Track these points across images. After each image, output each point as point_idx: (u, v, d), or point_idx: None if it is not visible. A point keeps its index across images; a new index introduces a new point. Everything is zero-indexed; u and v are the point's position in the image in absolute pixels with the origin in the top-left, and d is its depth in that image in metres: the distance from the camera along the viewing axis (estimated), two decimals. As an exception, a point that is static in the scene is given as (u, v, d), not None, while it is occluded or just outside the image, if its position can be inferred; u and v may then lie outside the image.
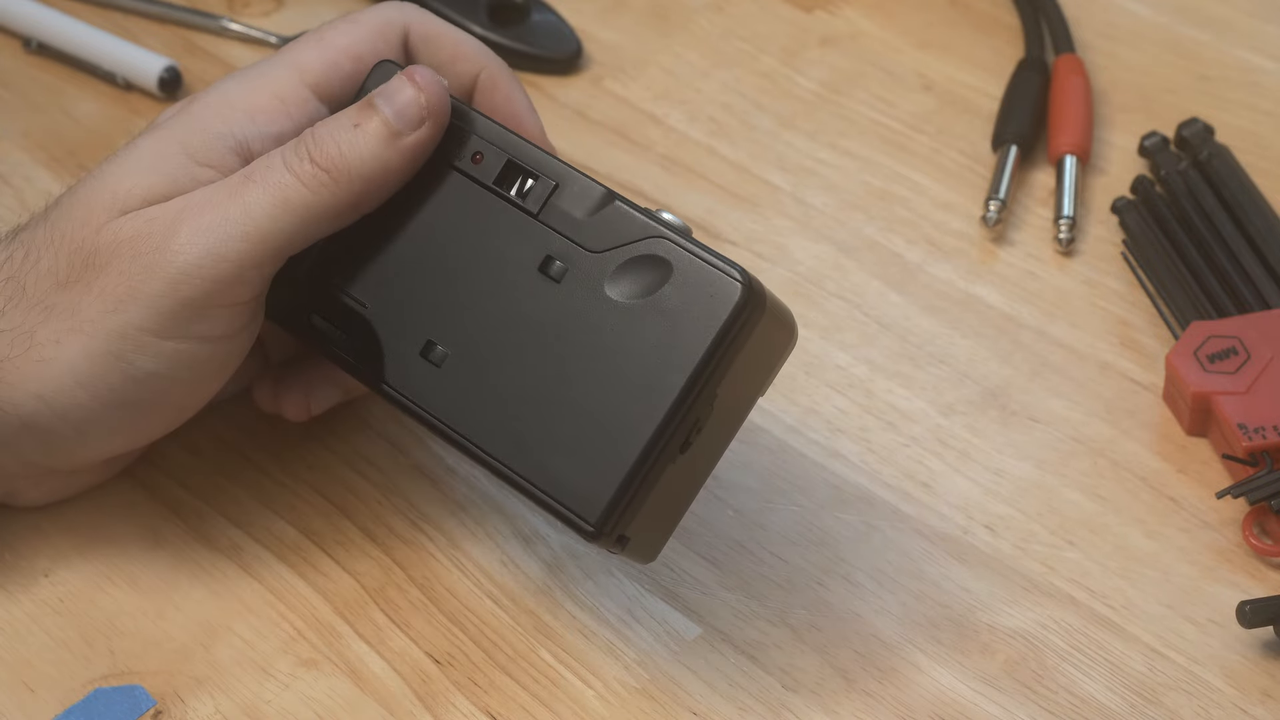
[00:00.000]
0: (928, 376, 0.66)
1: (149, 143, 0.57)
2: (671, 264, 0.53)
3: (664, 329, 0.52)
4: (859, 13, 0.81)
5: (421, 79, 0.56)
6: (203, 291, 0.54)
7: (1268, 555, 0.60)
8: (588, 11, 0.82)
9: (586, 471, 0.52)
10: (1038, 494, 0.62)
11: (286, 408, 0.61)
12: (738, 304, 0.52)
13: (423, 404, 0.55)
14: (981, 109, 0.76)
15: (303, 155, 0.55)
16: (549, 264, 0.54)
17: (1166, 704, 0.56)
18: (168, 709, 0.57)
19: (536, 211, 0.55)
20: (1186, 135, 0.72)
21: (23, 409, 0.56)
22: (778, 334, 0.54)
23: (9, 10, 0.81)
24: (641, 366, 0.52)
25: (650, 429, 0.52)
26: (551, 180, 0.55)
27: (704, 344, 0.52)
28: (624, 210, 0.54)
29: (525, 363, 0.54)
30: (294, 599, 0.60)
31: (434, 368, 0.55)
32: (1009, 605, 0.59)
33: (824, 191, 0.73)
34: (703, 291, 0.52)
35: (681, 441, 0.52)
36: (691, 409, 0.52)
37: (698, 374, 0.52)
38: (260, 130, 0.57)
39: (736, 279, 0.52)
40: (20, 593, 0.60)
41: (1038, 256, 0.70)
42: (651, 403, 0.52)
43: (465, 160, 0.56)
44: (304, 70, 0.58)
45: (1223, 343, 0.63)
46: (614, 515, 0.52)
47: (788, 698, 0.57)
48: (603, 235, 0.54)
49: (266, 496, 0.62)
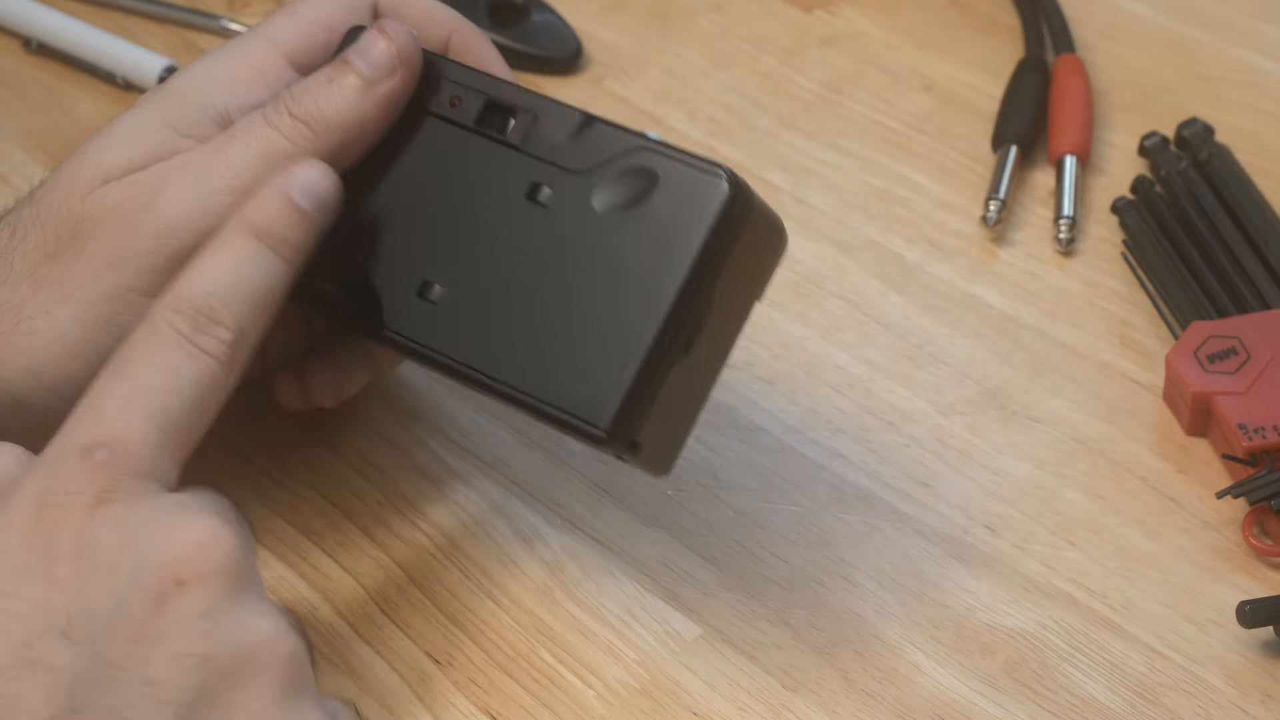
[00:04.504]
0: (928, 376, 0.66)
1: (130, 118, 0.57)
2: (657, 172, 0.53)
3: (655, 235, 0.53)
4: (859, 13, 0.81)
5: (391, 30, 0.57)
6: (189, 245, 0.55)
7: (1268, 555, 0.60)
8: (588, 11, 0.82)
9: (593, 380, 0.52)
10: (1038, 494, 0.62)
11: (317, 393, 0.62)
12: (725, 201, 0.52)
13: (424, 341, 0.56)
14: (981, 109, 0.76)
15: (281, 111, 0.56)
16: (536, 190, 0.55)
17: (1166, 704, 0.56)
18: (168, 709, 0.56)
19: (519, 144, 0.56)
20: (1186, 135, 0.72)
21: (13, 385, 0.56)
22: (768, 235, 0.55)
23: (9, 10, 0.81)
24: (637, 274, 0.53)
25: (653, 329, 0.52)
26: (530, 112, 0.56)
27: (696, 243, 0.52)
28: (605, 129, 0.55)
29: (522, 288, 0.54)
30: (294, 599, 0.59)
31: (432, 305, 0.56)
32: (1009, 605, 0.59)
33: (824, 191, 0.73)
34: (690, 194, 0.53)
35: (685, 341, 0.53)
36: (691, 307, 0.52)
37: (693, 272, 0.52)
38: (240, 101, 0.57)
39: (721, 176, 0.52)
40: (20, 593, 0.60)
41: (1038, 256, 0.70)
42: (650, 305, 0.52)
43: (443, 106, 0.57)
44: (279, 42, 0.59)
45: (1223, 343, 0.63)
46: (624, 418, 0.52)
47: (788, 698, 0.57)
48: (586, 155, 0.55)
49: (266, 496, 0.62)
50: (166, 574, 0.47)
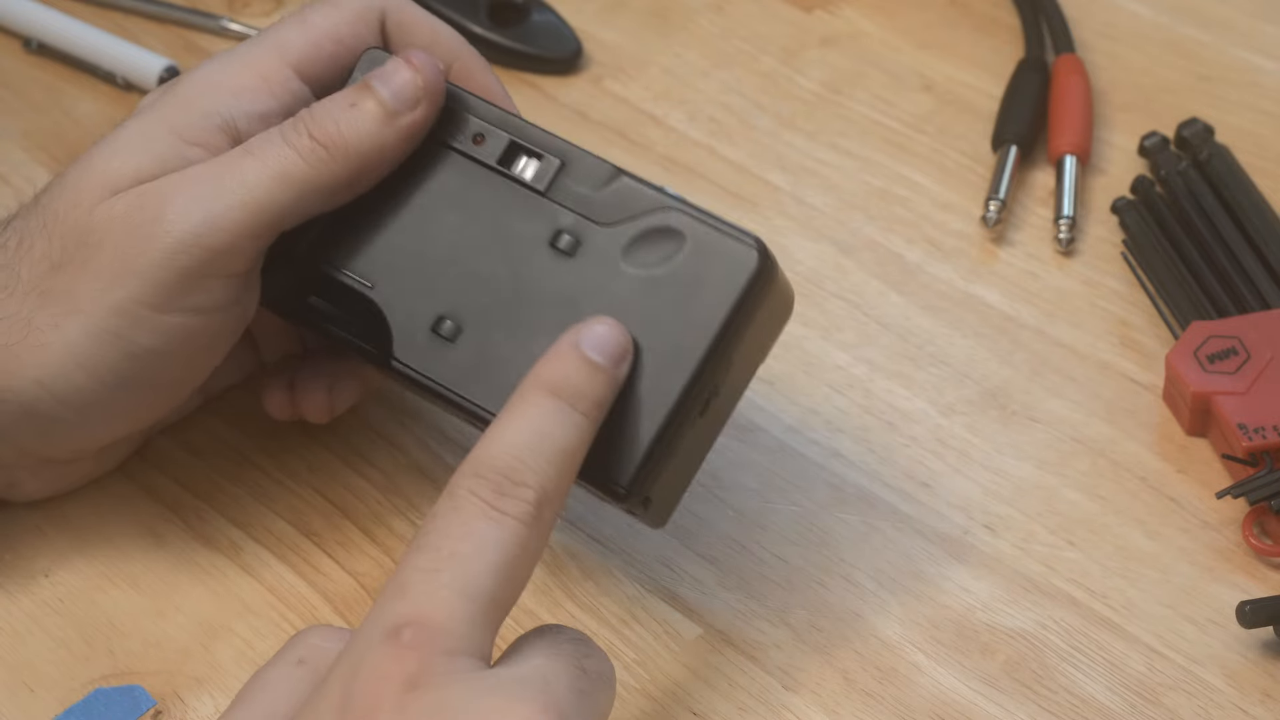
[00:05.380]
0: (928, 376, 0.66)
1: (136, 125, 0.57)
2: (685, 234, 0.53)
3: (681, 297, 0.53)
4: (859, 13, 0.81)
5: (418, 61, 0.57)
6: (199, 260, 0.55)
7: (1268, 555, 0.60)
8: (588, 11, 0.82)
9: (614, 437, 0.52)
10: (1038, 494, 0.62)
11: (307, 408, 0.61)
12: (755, 270, 0.52)
13: (436, 376, 0.55)
14: (981, 109, 0.76)
15: (300, 131, 0.56)
16: (559, 238, 0.55)
17: (1166, 704, 0.56)
18: (168, 709, 0.57)
19: (544, 189, 0.56)
20: (1186, 135, 0.72)
21: (23, 395, 0.56)
22: (783, 303, 0.55)
23: (9, 10, 0.81)
24: (661, 335, 0.53)
25: (676, 393, 0.52)
26: (556, 158, 0.56)
27: (725, 310, 0.52)
28: (633, 184, 0.55)
29: (541, 334, 0.54)
30: (294, 599, 0.60)
31: (446, 342, 0.55)
32: (1009, 605, 0.59)
33: (824, 191, 0.73)
34: (719, 259, 0.53)
35: (703, 404, 0.53)
36: (713, 372, 0.53)
37: (719, 338, 0.52)
38: (245, 109, 0.57)
39: (752, 246, 0.53)
40: (20, 593, 0.60)
41: (1038, 256, 0.70)
42: (676, 368, 0.52)
43: (466, 142, 0.57)
44: (286, 50, 0.58)
45: (1223, 343, 0.63)
46: (642, 476, 0.53)
47: (788, 698, 0.57)
48: (613, 209, 0.55)
49: (266, 496, 0.62)
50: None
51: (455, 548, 0.47)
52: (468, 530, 0.47)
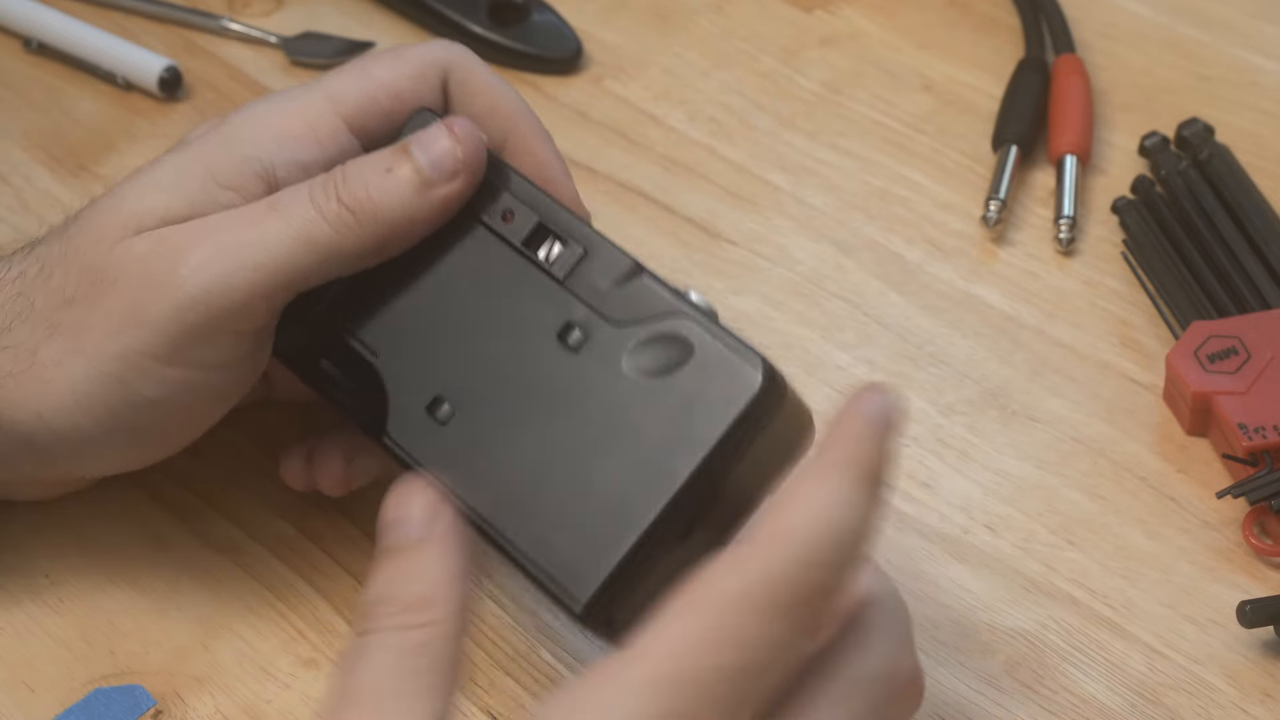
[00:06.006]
0: (927, 376, 0.66)
1: (173, 161, 0.56)
2: (693, 345, 0.51)
3: (678, 412, 0.51)
4: (859, 13, 0.81)
5: (460, 131, 0.54)
6: (208, 318, 0.53)
7: (1268, 555, 0.60)
8: (588, 11, 0.82)
9: (581, 551, 0.50)
10: (1038, 494, 0.62)
11: (324, 480, 0.60)
12: (756, 395, 0.50)
13: (421, 459, 0.54)
14: (981, 109, 0.76)
15: (330, 194, 0.54)
16: (568, 331, 0.53)
17: (1166, 704, 0.56)
18: (168, 709, 0.57)
19: (562, 278, 0.54)
20: (1186, 135, 0.72)
21: (22, 426, 0.55)
22: (795, 426, 0.52)
23: (9, 10, 0.81)
24: (650, 448, 0.50)
25: (651, 515, 0.50)
26: (580, 247, 0.54)
27: (716, 433, 0.50)
28: (650, 286, 0.53)
29: (532, 430, 0.52)
30: (294, 599, 0.60)
31: (439, 425, 0.54)
32: (1009, 605, 0.59)
33: (824, 191, 0.73)
34: (721, 378, 0.50)
35: (683, 530, 0.50)
36: (697, 497, 0.50)
37: (706, 462, 0.50)
38: (288, 157, 0.55)
39: (757, 367, 0.50)
40: (20, 593, 0.60)
41: (1038, 256, 0.70)
42: (656, 487, 0.50)
43: (495, 217, 0.55)
44: (339, 101, 0.57)
45: (1223, 343, 0.63)
46: (603, 598, 0.50)
47: (788, 698, 0.57)
48: (626, 308, 0.53)
49: (266, 496, 0.62)
50: None
51: None
52: None
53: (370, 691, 0.44)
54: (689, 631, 0.42)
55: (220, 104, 0.78)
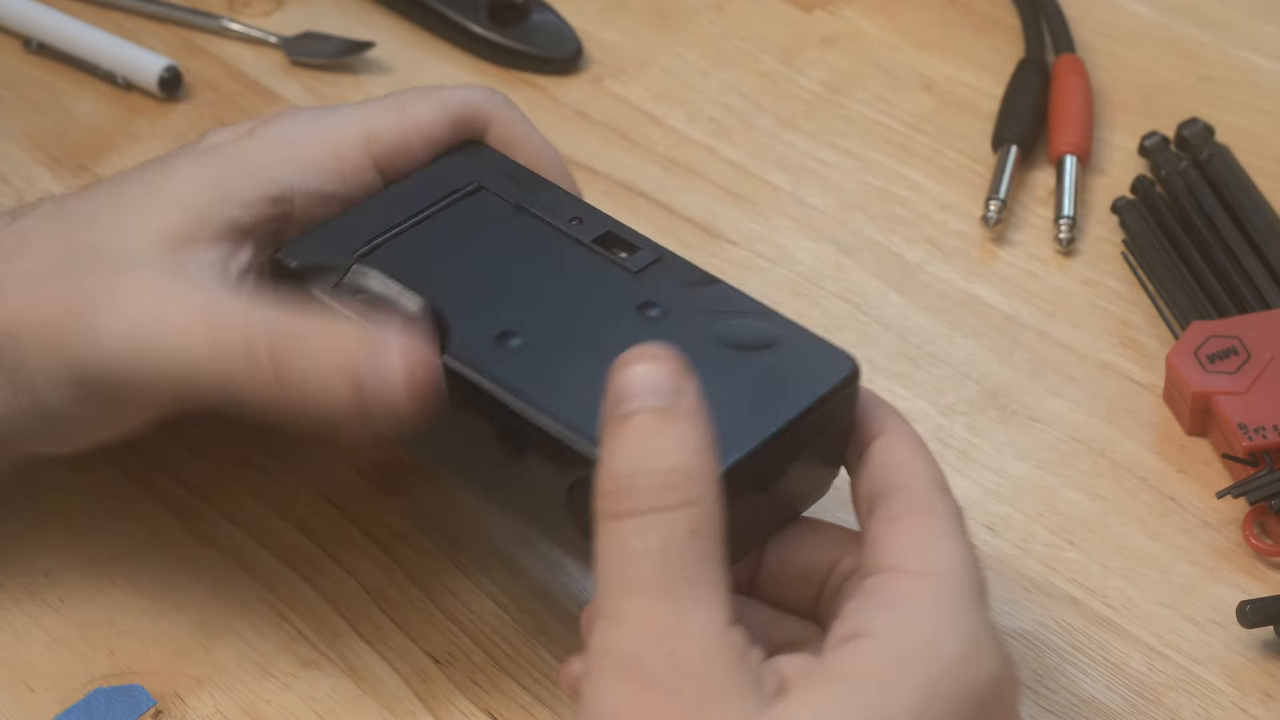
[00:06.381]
0: (928, 376, 0.66)
1: (192, 171, 0.55)
2: (780, 334, 0.52)
3: (766, 381, 0.50)
4: (859, 13, 0.81)
5: (419, 360, 0.50)
6: (104, 388, 0.53)
7: (1268, 555, 0.60)
8: (588, 11, 0.82)
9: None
10: (1038, 494, 0.62)
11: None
12: (849, 375, 0.51)
13: (489, 375, 0.51)
14: (981, 109, 0.76)
15: (260, 346, 0.51)
16: (648, 307, 0.53)
17: (1166, 704, 0.56)
18: (168, 709, 0.57)
19: (637, 271, 0.54)
20: (1186, 135, 0.72)
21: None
22: (843, 445, 0.52)
23: (9, 10, 0.81)
24: (731, 408, 0.49)
25: (730, 460, 0.48)
26: (653, 254, 0.54)
27: (808, 399, 0.50)
28: (730, 289, 0.53)
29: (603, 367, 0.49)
30: (294, 599, 0.60)
31: (508, 351, 0.52)
32: (1009, 605, 0.59)
33: (824, 191, 0.73)
34: (813, 359, 0.51)
35: (756, 487, 0.50)
36: (770, 460, 0.50)
37: (792, 425, 0.49)
38: (311, 187, 0.55)
39: (849, 356, 0.51)
40: (20, 592, 0.60)
41: (1038, 256, 0.70)
42: (739, 438, 0.49)
43: (564, 221, 0.55)
44: (373, 141, 0.56)
45: (1223, 343, 0.63)
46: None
47: (788, 698, 0.57)
48: (707, 301, 0.53)
49: (266, 496, 0.62)
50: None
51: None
52: None
53: (650, 581, 0.44)
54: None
55: (220, 104, 0.78)
